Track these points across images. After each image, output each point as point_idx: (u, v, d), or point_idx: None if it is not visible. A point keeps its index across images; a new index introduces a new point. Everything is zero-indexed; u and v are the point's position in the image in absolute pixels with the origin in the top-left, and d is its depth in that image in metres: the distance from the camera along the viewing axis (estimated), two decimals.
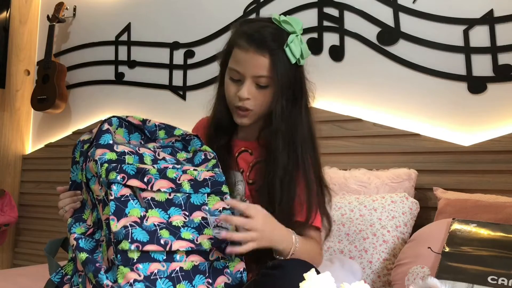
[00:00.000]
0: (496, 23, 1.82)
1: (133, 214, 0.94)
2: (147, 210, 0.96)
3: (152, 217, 0.95)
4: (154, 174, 0.99)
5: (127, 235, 0.90)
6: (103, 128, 1.07)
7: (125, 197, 0.95)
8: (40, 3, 3.24)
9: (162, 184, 0.99)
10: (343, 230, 1.64)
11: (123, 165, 0.98)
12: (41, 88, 2.91)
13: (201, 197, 1.02)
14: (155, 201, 0.97)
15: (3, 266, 2.99)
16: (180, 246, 0.95)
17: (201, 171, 1.05)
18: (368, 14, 2.08)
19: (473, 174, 1.79)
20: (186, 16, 2.62)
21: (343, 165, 1.98)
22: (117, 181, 0.95)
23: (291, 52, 1.15)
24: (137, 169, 0.98)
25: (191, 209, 1.00)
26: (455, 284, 1.19)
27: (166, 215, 0.97)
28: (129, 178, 0.96)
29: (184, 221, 0.98)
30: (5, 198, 2.87)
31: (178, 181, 1.01)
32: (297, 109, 1.20)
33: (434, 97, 1.92)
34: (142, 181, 0.97)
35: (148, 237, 0.92)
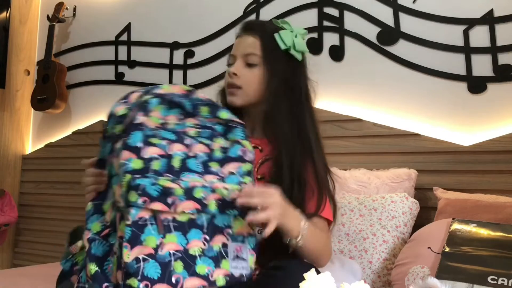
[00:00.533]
0: (496, 23, 1.82)
1: (149, 244, 0.87)
2: (165, 236, 0.89)
3: (169, 244, 0.88)
4: (179, 196, 0.91)
5: (137, 272, 0.85)
6: (137, 121, 0.97)
7: (143, 221, 0.87)
8: (40, 3, 3.24)
9: (187, 206, 0.91)
10: (343, 230, 1.64)
11: (146, 187, 0.88)
12: (41, 88, 2.91)
13: (226, 218, 0.95)
14: (176, 222, 0.90)
15: (3, 266, 2.99)
16: (192, 285, 0.89)
17: (233, 189, 0.96)
18: (368, 14, 2.08)
19: (473, 174, 1.79)
20: (186, 16, 2.62)
21: (343, 165, 1.98)
22: (138, 205, 0.87)
23: (281, 39, 1.21)
24: (163, 189, 0.89)
25: (212, 232, 0.93)
26: (455, 284, 1.19)
27: (185, 239, 0.90)
28: (152, 201, 0.88)
29: (202, 249, 0.91)
30: (5, 198, 2.87)
31: (204, 201, 0.93)
32: (297, 100, 1.22)
33: (434, 97, 1.92)
34: (165, 203, 0.89)
35: (159, 273, 0.86)
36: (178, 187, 0.91)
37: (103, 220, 0.96)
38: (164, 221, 0.89)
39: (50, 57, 2.92)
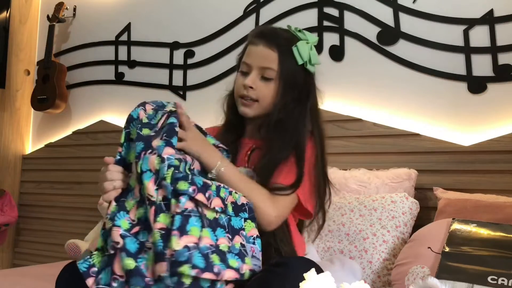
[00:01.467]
0: (496, 23, 1.82)
1: (193, 233, 0.90)
2: (202, 229, 0.92)
3: (205, 238, 0.92)
4: (213, 191, 0.97)
5: (189, 259, 0.87)
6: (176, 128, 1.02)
7: (188, 212, 0.91)
8: (40, 3, 3.24)
9: (217, 203, 0.97)
10: (343, 230, 1.64)
11: (194, 177, 0.95)
12: (41, 88, 2.91)
13: (239, 221, 1.02)
14: (207, 219, 0.95)
15: (3, 266, 2.99)
16: (229, 277, 0.93)
17: (240, 195, 1.04)
18: (368, 14, 2.08)
19: (473, 174, 1.79)
20: (186, 16, 2.62)
21: (343, 165, 1.98)
22: (189, 193, 0.91)
23: (299, 53, 1.21)
24: (203, 182, 0.95)
25: (232, 232, 0.99)
26: (455, 284, 1.19)
27: (214, 236, 0.95)
28: (199, 191, 0.93)
29: (228, 246, 0.96)
30: (5, 198, 2.87)
31: (225, 202, 1.00)
32: (302, 109, 1.23)
33: (434, 97, 1.92)
34: (205, 196, 0.95)
35: (204, 264, 0.89)
36: (212, 183, 0.98)
37: (129, 218, 0.97)
38: (203, 215, 0.93)
39: (50, 57, 2.92)
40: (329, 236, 1.65)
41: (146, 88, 2.71)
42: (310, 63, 1.23)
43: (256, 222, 1.04)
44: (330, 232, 1.66)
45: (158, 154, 0.95)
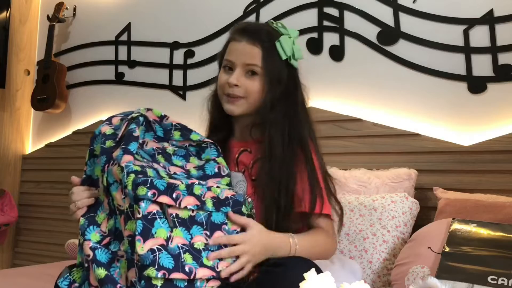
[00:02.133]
0: (496, 23, 1.82)
1: (160, 235, 0.91)
2: (172, 230, 0.93)
3: (177, 238, 0.93)
4: (182, 190, 0.97)
5: (154, 262, 0.88)
6: (134, 134, 1.03)
7: (152, 215, 0.92)
8: (40, 3, 3.24)
9: (189, 201, 0.97)
10: (343, 230, 1.64)
11: (153, 180, 0.94)
12: (41, 88, 2.91)
13: (221, 216, 1.01)
14: (179, 218, 0.95)
15: (3, 266, 2.99)
16: (203, 275, 0.94)
17: (223, 189, 1.04)
18: (368, 14, 2.08)
19: (473, 174, 1.79)
20: (186, 16, 2.62)
21: (343, 165, 1.98)
22: (147, 197, 0.92)
23: (282, 48, 1.20)
24: (168, 184, 0.95)
25: (212, 228, 0.99)
26: (455, 284, 1.19)
27: (189, 235, 0.95)
28: (160, 194, 0.93)
29: (205, 243, 0.97)
30: (5, 198, 2.87)
31: (202, 198, 0.99)
32: (292, 105, 1.23)
33: (434, 97, 1.92)
34: (171, 197, 0.95)
35: (173, 263, 0.90)
36: (180, 183, 0.97)
37: (100, 231, 1.00)
38: (170, 216, 0.94)
39: (50, 57, 2.92)
40: None
41: (146, 88, 2.71)
42: (294, 58, 1.23)
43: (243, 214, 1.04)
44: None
45: (118, 164, 0.97)
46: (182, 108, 2.55)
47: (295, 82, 1.25)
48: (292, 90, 1.24)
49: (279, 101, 1.21)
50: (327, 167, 1.94)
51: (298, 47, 1.24)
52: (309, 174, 1.18)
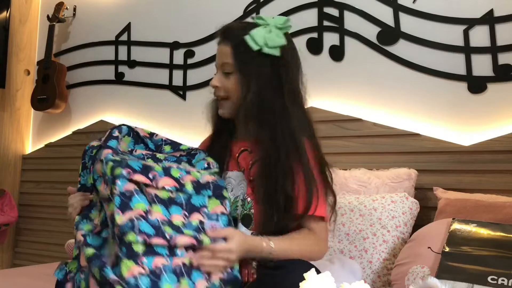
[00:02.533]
0: (496, 23, 1.82)
1: (139, 207, 0.95)
2: (151, 205, 0.97)
3: (156, 213, 0.97)
4: (158, 171, 1.01)
5: (133, 227, 0.91)
6: (114, 134, 1.09)
7: (129, 192, 0.96)
8: (40, 3, 3.24)
9: (166, 182, 1.00)
10: (343, 230, 1.64)
11: (128, 161, 0.99)
12: (41, 88, 2.91)
13: (202, 199, 1.04)
14: (158, 198, 0.99)
15: (3, 266, 2.99)
16: (184, 242, 0.96)
17: (204, 173, 1.07)
18: (368, 14, 2.08)
19: (473, 174, 1.79)
20: (186, 16, 2.62)
21: (343, 165, 1.97)
22: (123, 175, 0.96)
23: (252, 40, 1.19)
24: (143, 165, 1.00)
25: (191, 209, 1.01)
26: (455, 284, 1.19)
27: (168, 213, 0.98)
28: (135, 172, 0.98)
29: (183, 222, 0.99)
30: (5, 198, 2.87)
31: (181, 181, 1.02)
32: (277, 98, 1.19)
33: (434, 97, 1.92)
34: (147, 177, 0.99)
35: (153, 231, 0.93)
36: (157, 165, 1.03)
37: (92, 224, 1.05)
38: (148, 194, 0.98)
39: (50, 57, 2.92)
40: (329, 236, 1.65)
41: (146, 88, 2.71)
42: (268, 47, 1.19)
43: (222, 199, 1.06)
44: (330, 232, 1.66)
45: (99, 159, 1.03)
46: (182, 108, 2.55)
47: (279, 72, 1.20)
48: (276, 81, 1.20)
49: (262, 95, 1.19)
50: None
51: (274, 35, 1.19)
52: (304, 174, 1.16)
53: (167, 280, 0.92)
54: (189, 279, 0.95)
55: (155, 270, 0.92)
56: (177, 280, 0.94)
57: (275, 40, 1.19)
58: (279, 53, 1.20)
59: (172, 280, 0.93)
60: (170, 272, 0.94)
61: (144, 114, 2.68)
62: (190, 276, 0.96)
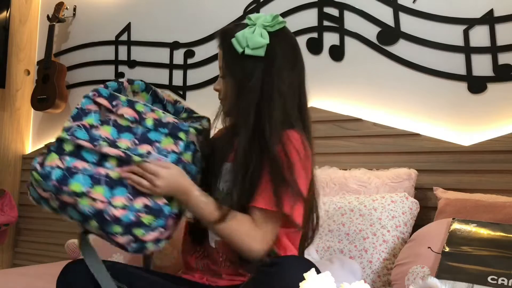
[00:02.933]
0: (496, 22, 1.82)
1: (88, 121, 1.08)
2: (103, 124, 1.09)
3: (103, 131, 1.08)
4: (123, 101, 1.12)
5: (69, 129, 1.06)
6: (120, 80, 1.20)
7: (88, 110, 1.10)
8: (40, 3, 3.24)
9: (126, 111, 1.11)
10: (343, 230, 1.64)
11: (99, 89, 1.13)
12: (41, 88, 2.91)
13: (158, 135, 1.12)
14: (116, 123, 1.10)
15: (3, 266, 2.99)
16: (111, 151, 1.05)
17: (168, 115, 1.15)
18: (368, 14, 2.08)
19: (473, 174, 1.79)
20: (186, 16, 2.62)
21: (343, 165, 1.98)
22: (89, 96, 1.11)
23: (237, 42, 1.18)
24: (110, 93, 1.13)
25: (143, 140, 1.10)
26: (455, 284, 1.19)
27: (117, 135, 1.09)
28: (99, 96, 1.11)
29: (129, 147, 1.08)
30: (5, 198, 2.87)
31: (143, 115, 1.12)
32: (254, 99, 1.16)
33: (434, 97, 1.92)
34: (110, 103, 1.11)
35: (87, 137, 1.06)
36: (124, 97, 1.14)
37: None
38: (107, 117, 1.10)
39: (50, 57, 2.92)
40: (329, 236, 1.65)
41: None
42: (250, 48, 1.16)
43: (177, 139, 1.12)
44: (330, 232, 1.66)
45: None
46: None
47: (261, 74, 1.17)
48: (255, 82, 1.17)
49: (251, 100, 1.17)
50: (326, 166, 1.96)
51: (255, 34, 1.16)
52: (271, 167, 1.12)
53: (80, 180, 1.02)
54: (109, 189, 1.03)
55: (72, 169, 1.03)
56: (91, 185, 1.02)
57: (256, 41, 1.16)
58: (264, 53, 1.17)
59: (85, 182, 1.02)
60: (87, 175, 1.03)
61: None
62: (113, 188, 1.04)
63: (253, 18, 1.21)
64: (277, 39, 1.19)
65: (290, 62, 1.22)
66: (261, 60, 1.18)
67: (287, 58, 1.21)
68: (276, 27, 1.20)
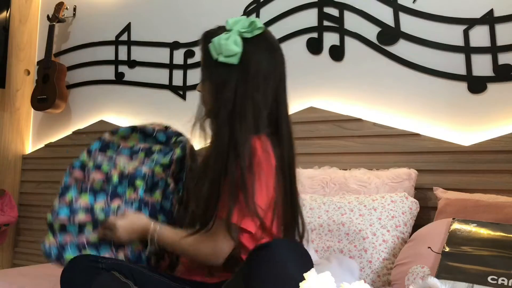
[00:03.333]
0: (496, 22, 1.82)
1: (68, 197, 1.30)
2: (81, 194, 1.29)
3: (82, 200, 1.28)
4: (91, 167, 1.32)
5: (54, 210, 1.28)
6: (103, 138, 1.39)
7: (69, 185, 1.32)
8: (40, 3, 3.24)
9: (96, 176, 1.31)
10: (343, 230, 1.64)
11: (73, 163, 1.34)
12: (41, 88, 2.91)
13: (123, 188, 1.30)
14: (92, 188, 1.30)
15: (3, 266, 2.99)
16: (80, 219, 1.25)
17: (128, 165, 1.32)
18: (368, 14, 2.08)
19: (473, 174, 1.79)
20: (186, 16, 2.62)
21: (343, 165, 1.98)
22: (67, 172, 1.34)
23: (213, 48, 1.18)
24: (81, 163, 1.34)
25: (113, 196, 1.29)
26: (455, 284, 1.19)
27: (94, 199, 1.28)
28: (74, 169, 1.33)
29: (103, 207, 1.27)
30: (5, 198, 2.87)
31: (109, 174, 1.31)
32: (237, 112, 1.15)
33: (434, 97, 1.92)
34: (83, 173, 1.32)
35: (68, 214, 1.26)
36: (92, 163, 1.33)
37: None
38: (84, 186, 1.31)
39: (50, 57, 2.92)
40: (329, 236, 1.65)
41: (146, 88, 2.71)
42: (223, 55, 1.15)
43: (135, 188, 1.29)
44: (330, 232, 1.66)
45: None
46: (182, 108, 2.55)
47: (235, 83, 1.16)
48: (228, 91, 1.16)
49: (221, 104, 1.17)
50: (326, 166, 1.96)
51: (230, 41, 1.15)
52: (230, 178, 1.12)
53: (69, 251, 1.23)
54: (95, 250, 1.23)
55: (63, 244, 1.24)
56: (79, 252, 1.23)
57: (229, 49, 1.14)
58: (238, 61, 1.15)
59: (74, 252, 1.23)
60: (74, 246, 1.24)
61: (144, 114, 2.68)
62: (98, 248, 1.24)
63: (231, 23, 1.18)
64: (254, 46, 1.17)
65: (266, 70, 1.18)
66: (235, 68, 1.16)
67: (264, 66, 1.18)
68: (255, 32, 1.18)
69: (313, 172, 1.96)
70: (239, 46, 1.15)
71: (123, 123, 2.68)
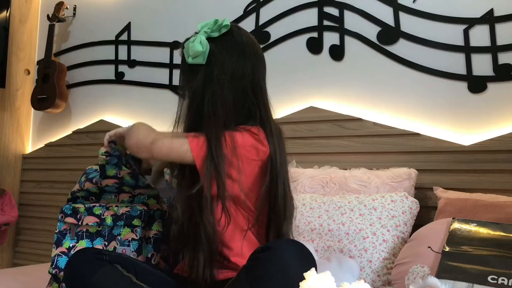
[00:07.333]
0: (497, 22, 1.82)
1: (65, 246, 1.32)
2: (78, 241, 1.32)
3: (80, 247, 1.29)
4: (83, 212, 1.33)
5: (53, 262, 1.30)
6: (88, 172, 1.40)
7: (65, 231, 1.34)
8: (40, 3, 3.24)
9: (89, 220, 1.32)
10: (343, 229, 1.64)
11: (64, 208, 1.35)
12: (41, 88, 2.91)
13: (118, 229, 1.31)
14: (88, 233, 1.32)
15: (3, 265, 2.99)
16: None
17: (120, 207, 1.33)
18: (368, 13, 2.08)
19: (473, 174, 1.79)
20: (186, 15, 2.62)
21: (343, 164, 1.98)
22: (59, 219, 1.35)
23: (185, 52, 1.21)
24: (73, 209, 1.34)
25: (110, 239, 1.31)
26: (455, 284, 1.19)
27: (91, 244, 1.31)
28: (66, 216, 1.34)
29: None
30: (5, 198, 2.87)
31: (102, 216, 1.31)
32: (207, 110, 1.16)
33: (434, 97, 1.92)
34: (75, 218, 1.33)
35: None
36: (82, 207, 1.34)
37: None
38: (79, 232, 1.33)
39: (50, 57, 2.92)
40: (329, 235, 1.65)
41: (146, 88, 2.71)
42: (191, 57, 1.18)
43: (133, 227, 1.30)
44: (330, 231, 1.66)
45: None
46: None
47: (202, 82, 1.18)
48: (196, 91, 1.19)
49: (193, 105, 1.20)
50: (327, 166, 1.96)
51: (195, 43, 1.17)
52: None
53: None
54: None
55: None
56: None
57: (194, 50, 1.17)
58: (204, 60, 1.18)
59: None
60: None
61: (144, 114, 2.68)
62: None
63: (199, 26, 1.22)
64: (220, 45, 1.19)
65: (234, 68, 1.19)
66: (203, 68, 1.18)
67: (232, 63, 1.18)
68: (222, 30, 1.20)
69: (313, 171, 1.96)
70: (204, 45, 1.18)
71: (123, 123, 2.68)
